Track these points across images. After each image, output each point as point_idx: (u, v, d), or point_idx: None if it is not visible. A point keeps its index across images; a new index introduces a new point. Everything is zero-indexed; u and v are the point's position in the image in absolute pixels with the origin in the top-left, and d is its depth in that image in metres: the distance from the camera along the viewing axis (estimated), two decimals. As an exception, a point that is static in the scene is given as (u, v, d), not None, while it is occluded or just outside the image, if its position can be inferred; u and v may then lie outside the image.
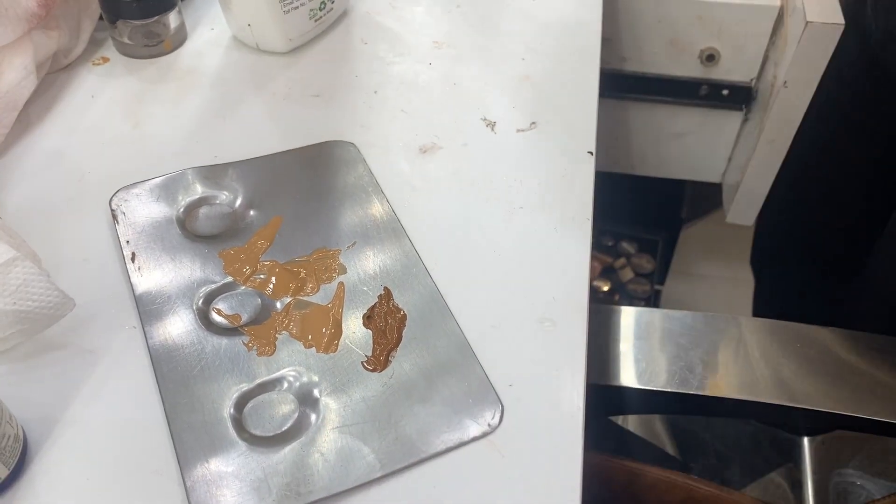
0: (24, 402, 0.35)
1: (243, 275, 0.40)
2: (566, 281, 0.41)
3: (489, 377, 0.36)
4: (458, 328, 0.38)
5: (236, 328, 0.38)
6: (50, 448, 0.34)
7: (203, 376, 0.36)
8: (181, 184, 0.44)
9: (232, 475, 0.33)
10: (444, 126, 0.49)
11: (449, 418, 0.35)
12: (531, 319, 0.39)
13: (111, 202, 0.43)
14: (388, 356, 0.37)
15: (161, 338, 0.37)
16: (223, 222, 0.43)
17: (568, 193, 0.45)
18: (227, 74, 0.52)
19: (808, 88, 0.70)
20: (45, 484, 0.33)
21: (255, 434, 0.34)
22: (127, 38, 0.52)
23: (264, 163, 0.46)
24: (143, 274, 0.40)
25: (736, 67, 0.78)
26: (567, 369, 0.37)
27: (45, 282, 0.36)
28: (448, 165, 0.46)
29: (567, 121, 0.49)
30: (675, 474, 0.65)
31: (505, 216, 0.44)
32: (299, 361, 0.37)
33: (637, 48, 0.79)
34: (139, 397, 0.36)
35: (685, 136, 0.85)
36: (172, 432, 0.34)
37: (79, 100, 0.50)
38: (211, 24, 0.56)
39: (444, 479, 0.33)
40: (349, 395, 0.36)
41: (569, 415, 0.35)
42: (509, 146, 0.48)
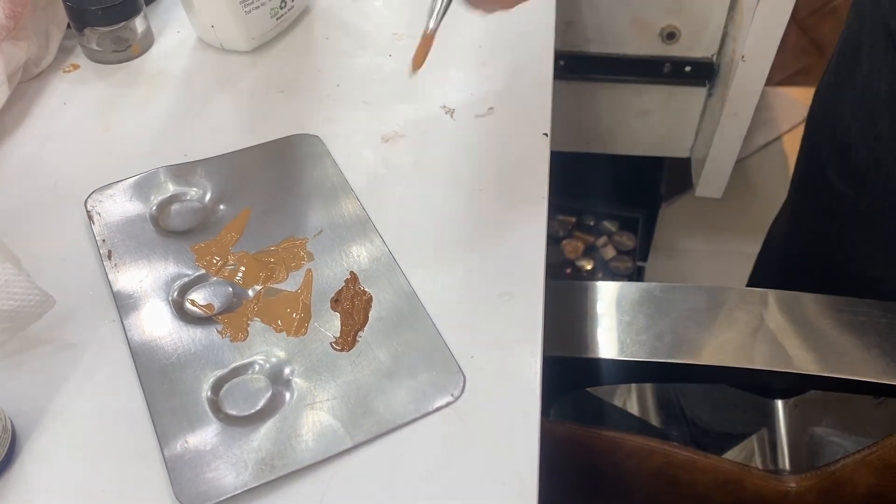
0: (10, 396, 0.37)
1: (215, 266, 0.42)
2: (524, 256, 0.43)
3: (452, 350, 0.38)
4: (421, 306, 0.40)
5: (210, 317, 0.40)
6: (38, 437, 0.36)
7: (180, 363, 0.38)
8: (153, 183, 0.46)
9: (210, 453, 0.35)
10: (406, 115, 0.51)
11: (414, 390, 0.37)
12: (491, 294, 0.41)
13: (86, 203, 0.44)
14: (356, 336, 0.39)
15: (139, 330, 0.39)
16: (195, 217, 0.45)
17: (525, 174, 0.47)
18: (194, 75, 0.54)
19: (766, 61, 0.72)
20: (34, 470, 0.35)
21: (231, 414, 0.36)
22: (95, 44, 0.54)
23: (232, 158, 0.47)
24: (119, 270, 0.42)
25: (696, 44, 0.80)
26: (525, 339, 0.39)
27: (25, 281, 0.38)
28: (410, 153, 0.48)
29: (523, 104, 0.51)
30: (654, 441, 0.67)
31: (465, 198, 0.46)
32: (271, 345, 0.39)
33: (600, 29, 0.81)
34: (120, 386, 0.38)
35: (652, 114, 0.87)
36: (153, 417, 0.36)
37: (51, 107, 0.52)
38: (177, 28, 0.57)
39: (411, 447, 0.36)
40: (319, 374, 0.38)
41: (527, 381, 0.38)
42: (468, 132, 0.49)
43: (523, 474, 0.35)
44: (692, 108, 0.85)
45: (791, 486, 0.65)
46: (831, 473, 0.64)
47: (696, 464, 0.67)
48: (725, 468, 0.66)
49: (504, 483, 0.35)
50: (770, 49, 0.70)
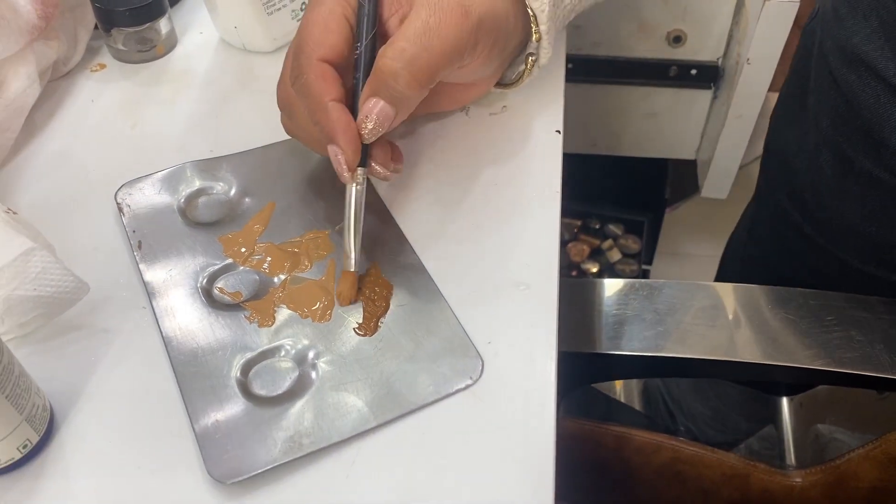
0: (48, 378, 0.38)
1: (242, 256, 0.44)
2: (539, 248, 0.44)
3: (470, 336, 0.40)
4: (440, 294, 0.42)
5: (238, 304, 0.42)
6: (74, 417, 0.38)
7: (210, 347, 0.40)
8: (180, 177, 0.47)
9: (240, 432, 0.36)
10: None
11: (435, 373, 0.39)
12: (507, 284, 0.43)
13: (116, 196, 0.46)
14: (378, 322, 0.41)
15: (169, 316, 0.41)
16: (221, 210, 0.46)
17: (538, 169, 0.48)
18: (217, 74, 0.56)
19: (770, 64, 0.74)
20: (71, 447, 0.37)
21: (259, 395, 0.38)
22: (121, 44, 0.56)
23: (256, 154, 0.49)
24: (149, 260, 0.43)
25: (702, 47, 0.82)
26: (541, 326, 0.41)
27: (61, 269, 0.39)
28: (426, 149, 0.50)
29: (536, 103, 0.53)
30: (662, 436, 0.69)
31: (481, 192, 0.47)
32: (297, 330, 0.40)
33: (608, 33, 0.83)
34: (152, 369, 0.39)
35: (659, 116, 0.89)
36: (184, 397, 0.38)
37: (80, 104, 0.53)
38: (199, 29, 0.59)
39: (432, 426, 0.37)
40: (343, 358, 0.39)
41: (542, 364, 0.39)
42: (483, 129, 0.51)
43: (540, 453, 0.36)
44: (698, 111, 0.87)
45: (796, 480, 0.66)
46: (836, 468, 0.65)
47: (703, 459, 0.68)
48: (732, 463, 0.67)
49: (521, 461, 0.36)
50: (774, 52, 0.72)
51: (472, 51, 0.41)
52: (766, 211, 0.74)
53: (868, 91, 0.56)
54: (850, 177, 0.61)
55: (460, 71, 0.42)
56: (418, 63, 0.39)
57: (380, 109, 0.40)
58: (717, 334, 0.60)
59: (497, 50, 0.43)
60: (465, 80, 0.46)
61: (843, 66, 0.58)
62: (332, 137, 0.40)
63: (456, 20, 0.39)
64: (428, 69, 0.39)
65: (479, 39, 0.41)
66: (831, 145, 0.62)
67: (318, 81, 0.40)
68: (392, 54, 0.39)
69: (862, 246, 0.64)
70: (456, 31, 0.39)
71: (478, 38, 0.41)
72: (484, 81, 0.48)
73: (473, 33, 0.40)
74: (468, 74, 0.44)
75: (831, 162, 0.62)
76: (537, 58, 0.47)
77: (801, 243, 0.69)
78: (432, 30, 0.39)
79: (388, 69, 0.39)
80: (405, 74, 0.39)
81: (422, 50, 0.39)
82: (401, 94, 0.39)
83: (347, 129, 0.40)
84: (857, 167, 0.60)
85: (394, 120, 0.40)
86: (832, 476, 0.65)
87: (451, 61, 0.40)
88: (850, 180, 0.61)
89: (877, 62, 0.55)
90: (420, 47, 0.39)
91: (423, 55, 0.39)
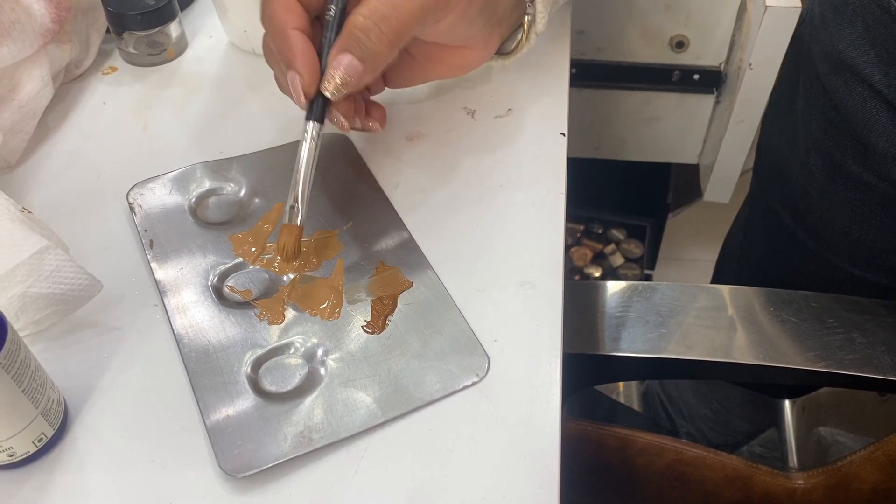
0: (61, 374, 0.39)
1: (252, 255, 0.44)
2: (544, 248, 0.45)
3: (476, 334, 0.41)
4: (446, 293, 0.42)
5: (248, 302, 0.42)
6: (88, 412, 0.38)
7: (221, 345, 0.40)
8: (191, 177, 0.48)
9: (251, 427, 0.37)
10: (429, 116, 0.53)
11: (442, 371, 0.39)
12: (513, 283, 0.43)
13: (128, 196, 0.47)
14: (385, 320, 0.41)
15: (181, 313, 0.42)
16: (231, 210, 0.47)
17: (543, 171, 0.49)
18: (226, 77, 0.57)
19: (772, 69, 0.74)
20: (84, 441, 0.37)
21: (270, 391, 0.39)
22: (132, 48, 0.56)
23: (266, 156, 0.50)
24: (160, 258, 0.44)
25: (705, 53, 0.82)
26: (546, 324, 0.41)
27: (75, 267, 0.40)
28: (433, 150, 0.51)
29: (541, 106, 0.53)
30: (665, 438, 0.69)
31: (486, 193, 0.48)
32: (306, 328, 0.41)
33: (611, 38, 0.84)
34: (164, 365, 0.40)
35: (662, 120, 0.89)
36: (195, 393, 0.38)
37: (91, 106, 0.54)
38: (209, 33, 0.60)
39: (439, 422, 0.38)
40: (352, 355, 0.40)
41: (548, 362, 0.40)
42: (489, 131, 0.52)
43: (545, 449, 0.37)
44: (701, 115, 0.88)
45: (798, 483, 0.67)
46: (838, 470, 0.65)
47: (706, 461, 0.68)
48: (734, 465, 0.67)
49: (526, 457, 0.37)
50: (776, 58, 0.73)
51: (445, 6, 0.41)
52: (759, 214, 0.75)
53: (854, 96, 0.57)
54: (838, 180, 0.62)
55: (437, 28, 0.43)
56: (389, 21, 0.40)
57: (347, 63, 0.40)
58: (719, 336, 0.60)
59: (476, 6, 0.43)
60: (450, 39, 0.45)
61: (829, 71, 0.59)
62: (290, 62, 0.40)
63: None
64: (398, 26, 0.40)
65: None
66: (820, 149, 0.62)
67: (282, 11, 0.40)
68: (365, 12, 0.40)
69: (851, 249, 0.65)
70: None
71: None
72: (476, 46, 0.47)
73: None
74: (449, 33, 0.44)
75: (820, 166, 0.63)
76: (533, 21, 0.47)
77: (792, 246, 0.70)
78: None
79: (360, 25, 0.39)
80: (375, 30, 0.39)
81: (391, 8, 0.40)
82: (370, 50, 0.40)
83: (305, 53, 0.40)
84: (846, 171, 0.61)
85: (361, 76, 0.41)
86: (834, 478, 0.65)
87: (421, 18, 0.41)
88: (839, 184, 0.62)
89: (862, 67, 0.55)
90: (390, 6, 0.40)
91: (393, 14, 0.40)
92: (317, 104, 0.42)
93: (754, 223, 0.77)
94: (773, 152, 0.71)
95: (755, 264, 0.78)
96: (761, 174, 0.74)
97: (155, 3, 0.55)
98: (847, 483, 0.65)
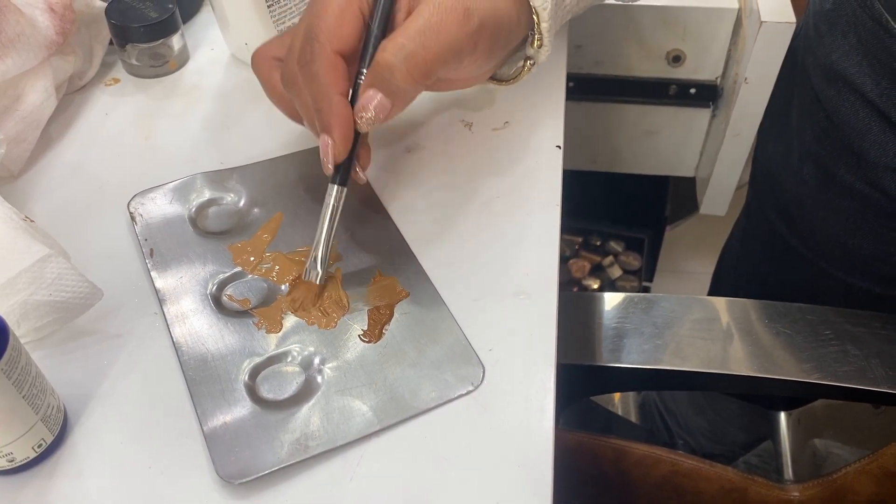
0: (61, 381, 0.39)
1: (250, 264, 0.45)
2: (539, 259, 0.45)
3: (472, 343, 0.41)
4: (443, 303, 0.43)
5: (246, 311, 0.43)
6: (87, 418, 0.39)
7: (219, 353, 0.41)
8: (191, 187, 0.49)
9: (248, 434, 0.37)
10: (427, 128, 0.54)
11: (437, 379, 0.40)
12: (508, 293, 0.44)
13: (129, 206, 0.48)
14: (382, 329, 0.42)
15: (180, 321, 0.42)
16: (231, 220, 0.48)
17: (539, 183, 0.50)
18: (227, 89, 0.57)
19: (767, 83, 0.75)
20: (83, 448, 0.38)
21: (267, 399, 0.39)
22: (135, 60, 0.57)
23: (265, 166, 0.51)
24: (160, 267, 0.45)
25: (701, 67, 0.83)
26: (541, 334, 0.42)
27: (76, 275, 0.41)
28: (431, 162, 0.51)
29: (537, 119, 0.54)
30: (661, 450, 0.69)
31: (483, 204, 0.49)
32: (303, 337, 0.42)
33: (609, 53, 0.84)
34: (163, 373, 0.41)
35: (658, 134, 0.90)
36: (194, 400, 0.39)
37: (94, 117, 0.55)
38: (211, 45, 0.61)
39: (434, 431, 0.38)
40: (348, 363, 0.40)
41: (542, 371, 0.40)
42: (485, 143, 0.53)
43: (539, 458, 0.37)
44: (697, 129, 0.88)
45: (794, 495, 0.67)
46: (833, 482, 0.66)
47: (702, 472, 0.68)
48: (730, 477, 0.68)
49: (521, 466, 0.37)
50: (771, 72, 0.74)
51: (472, 52, 0.41)
52: (755, 224, 0.76)
53: (847, 106, 0.58)
54: (831, 189, 0.63)
55: (458, 69, 0.43)
56: (415, 60, 0.39)
57: (378, 102, 0.40)
58: (715, 348, 0.60)
59: (498, 49, 0.43)
60: (463, 76, 0.46)
61: (823, 81, 0.60)
62: (329, 129, 0.40)
63: (457, 22, 0.40)
64: (424, 66, 0.40)
65: (479, 41, 0.41)
66: (814, 158, 0.63)
67: (330, 73, 0.40)
68: (391, 49, 0.39)
69: (845, 258, 0.66)
70: (455, 32, 0.40)
71: (478, 40, 0.41)
72: (482, 76, 0.47)
73: (473, 36, 0.40)
74: (466, 71, 0.44)
75: (814, 175, 0.64)
76: (536, 57, 0.47)
77: (787, 255, 0.71)
78: (432, 29, 0.40)
79: (385, 63, 0.39)
80: (402, 69, 0.39)
81: (420, 48, 0.39)
82: (397, 88, 0.40)
83: (345, 124, 0.40)
84: (839, 180, 0.61)
85: (390, 112, 0.41)
86: (829, 490, 0.66)
87: (448, 61, 0.40)
88: (832, 193, 0.63)
89: (855, 78, 0.56)
90: (418, 45, 0.39)
91: (421, 53, 0.39)
92: (342, 169, 0.42)
93: (750, 233, 0.78)
94: (768, 163, 0.72)
95: (751, 274, 0.79)
96: (757, 185, 0.75)
97: (158, 15, 0.56)
98: (842, 495, 0.65)
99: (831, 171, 0.62)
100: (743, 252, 0.81)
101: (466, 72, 0.44)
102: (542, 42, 0.45)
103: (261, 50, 0.46)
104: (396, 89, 0.40)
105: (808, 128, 0.63)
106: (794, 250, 0.69)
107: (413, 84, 0.40)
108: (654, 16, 0.80)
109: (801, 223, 0.68)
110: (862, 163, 0.59)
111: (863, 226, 0.63)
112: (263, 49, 0.46)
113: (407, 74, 0.39)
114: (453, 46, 0.40)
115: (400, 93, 0.40)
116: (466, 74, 0.45)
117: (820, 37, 0.60)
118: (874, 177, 0.59)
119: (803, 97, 0.64)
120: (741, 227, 0.81)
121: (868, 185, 0.59)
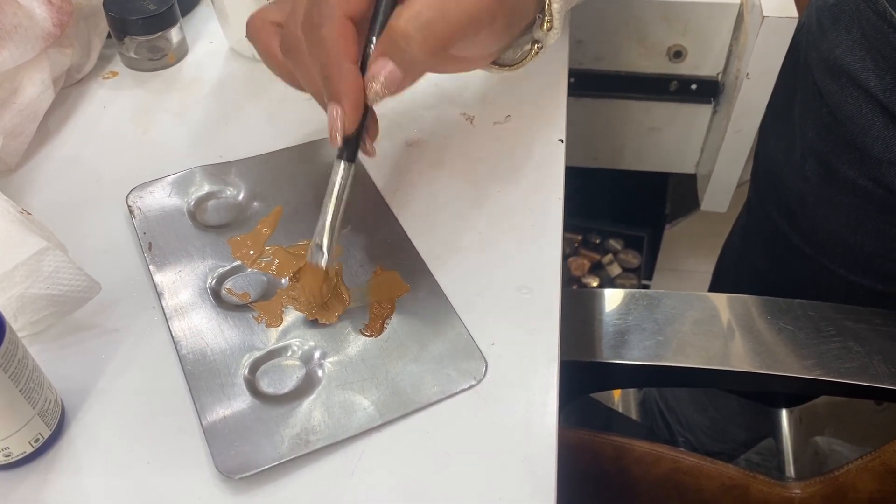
0: (59, 375, 0.39)
1: (250, 258, 0.44)
2: (541, 253, 0.45)
3: (474, 338, 0.41)
4: (445, 297, 0.43)
5: (246, 304, 0.42)
6: (85, 413, 0.38)
7: (218, 347, 0.40)
8: (190, 181, 0.48)
9: (248, 428, 0.37)
10: (428, 121, 0.53)
11: (439, 374, 0.39)
12: (510, 287, 0.43)
13: (127, 199, 0.47)
14: (384, 323, 0.42)
15: (179, 316, 0.42)
16: (230, 213, 0.47)
17: (541, 177, 0.49)
18: (226, 82, 0.57)
19: (769, 79, 0.75)
20: (81, 443, 0.37)
21: (267, 393, 0.39)
22: (133, 53, 0.57)
23: (265, 160, 0.50)
24: (159, 261, 0.44)
25: (702, 63, 0.83)
26: (543, 329, 0.41)
27: (73, 268, 0.40)
28: (432, 156, 0.51)
29: (539, 113, 0.54)
30: (662, 447, 0.69)
31: (485, 198, 0.48)
32: (304, 331, 0.41)
33: (609, 48, 0.84)
34: (161, 367, 0.40)
35: (659, 130, 0.90)
36: (193, 395, 0.38)
37: (92, 110, 0.54)
38: (210, 39, 0.61)
39: (436, 426, 0.38)
40: (350, 358, 0.40)
41: (545, 366, 0.40)
42: (487, 137, 0.52)
43: (542, 452, 0.37)
44: (698, 125, 0.88)
45: (796, 492, 0.67)
46: (834, 480, 0.65)
47: (703, 470, 0.68)
48: (731, 474, 0.67)
49: (523, 461, 0.37)
50: (773, 67, 0.73)
51: (491, 23, 0.39)
52: (756, 221, 0.75)
53: (850, 101, 0.57)
54: (833, 185, 0.62)
55: (474, 43, 0.40)
56: (432, 28, 0.36)
57: (389, 72, 0.37)
58: (716, 344, 0.60)
59: (514, 24, 0.41)
60: (474, 53, 0.42)
61: (826, 76, 0.60)
62: (338, 98, 0.38)
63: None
64: (442, 36, 0.37)
65: (498, 13, 0.38)
66: (816, 155, 0.63)
67: (340, 38, 0.37)
68: (407, 16, 0.36)
69: (847, 255, 0.65)
70: (476, 1, 0.37)
71: (497, 11, 0.38)
72: (488, 58, 0.44)
73: (493, 6, 0.38)
74: (480, 47, 0.41)
75: (816, 171, 0.63)
76: (545, 40, 0.44)
77: (788, 253, 0.70)
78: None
79: (400, 31, 0.36)
80: (418, 38, 0.36)
81: (439, 16, 0.36)
82: (411, 58, 0.37)
83: (356, 93, 0.38)
84: (841, 176, 0.61)
85: (401, 83, 0.38)
86: (831, 488, 0.65)
87: (467, 31, 0.38)
88: (834, 189, 0.62)
89: (858, 73, 0.56)
90: (437, 12, 0.36)
91: (440, 21, 0.36)
92: (350, 144, 0.39)
93: (751, 230, 0.78)
94: (770, 159, 0.71)
95: (752, 272, 0.78)
96: (758, 181, 0.75)
97: (156, 8, 0.55)
98: (844, 492, 0.65)
99: (834, 168, 0.61)
100: (744, 249, 0.80)
101: (480, 48, 0.41)
102: (552, 24, 0.43)
103: (258, 14, 0.43)
104: (410, 60, 0.37)
105: (811, 124, 0.63)
106: (796, 247, 0.69)
107: (429, 55, 0.37)
108: (655, 11, 0.80)
109: (802, 220, 0.67)
110: (865, 159, 0.58)
111: (865, 222, 0.62)
112: (261, 13, 0.43)
113: (423, 43, 0.36)
114: (473, 16, 0.37)
115: (414, 64, 0.38)
116: (478, 52, 0.42)
117: (823, 32, 0.60)
118: (877, 173, 0.58)
119: (806, 93, 0.64)
120: (742, 225, 0.81)
121: (871, 181, 0.59)
